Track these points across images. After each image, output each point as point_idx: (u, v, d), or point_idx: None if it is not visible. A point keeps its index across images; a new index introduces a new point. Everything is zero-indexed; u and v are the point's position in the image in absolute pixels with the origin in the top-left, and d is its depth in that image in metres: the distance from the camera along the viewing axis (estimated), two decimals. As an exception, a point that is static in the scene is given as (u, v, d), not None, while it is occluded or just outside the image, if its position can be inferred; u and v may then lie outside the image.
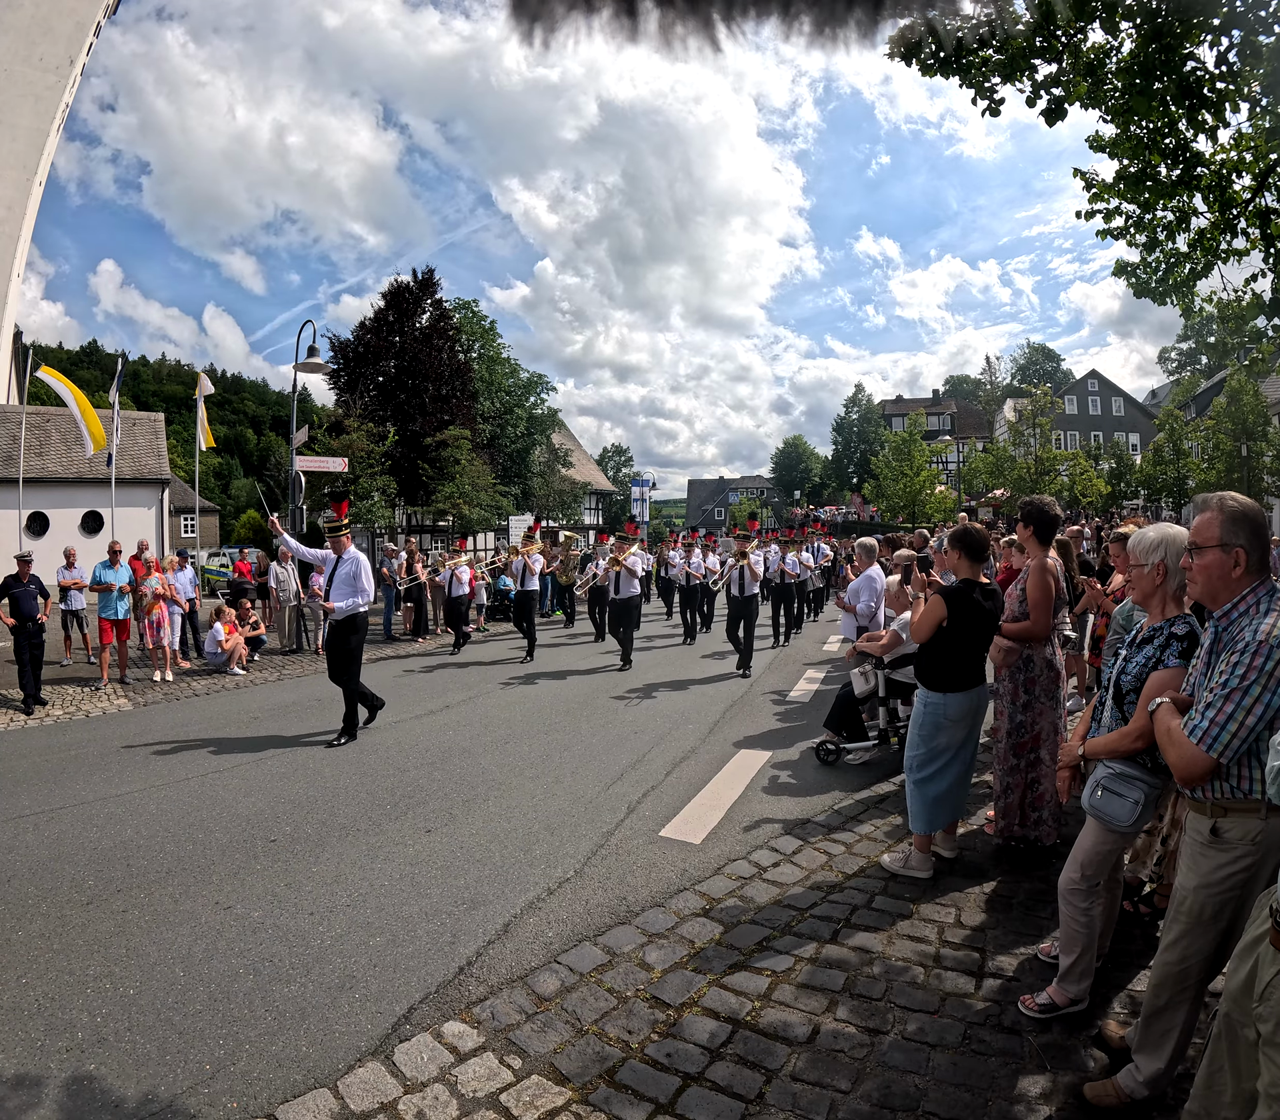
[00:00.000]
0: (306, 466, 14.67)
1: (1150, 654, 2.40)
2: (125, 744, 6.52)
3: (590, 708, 7.67)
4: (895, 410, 59.09)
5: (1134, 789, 2.40)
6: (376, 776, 5.50)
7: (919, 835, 3.74)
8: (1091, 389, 51.27)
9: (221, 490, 62.45)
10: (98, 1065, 2.48)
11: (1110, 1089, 2.20)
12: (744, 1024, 2.65)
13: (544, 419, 30.73)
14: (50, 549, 12.54)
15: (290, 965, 3.07)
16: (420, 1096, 2.35)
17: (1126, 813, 2.40)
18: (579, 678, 9.38)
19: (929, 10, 0.69)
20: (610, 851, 4.15)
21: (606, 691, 8.45)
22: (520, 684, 8.98)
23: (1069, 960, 2.60)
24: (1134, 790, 2.40)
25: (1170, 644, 2.35)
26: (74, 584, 9.81)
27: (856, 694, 5.60)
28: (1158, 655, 2.37)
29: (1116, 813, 2.42)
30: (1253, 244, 4.71)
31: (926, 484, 35.32)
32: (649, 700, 7.96)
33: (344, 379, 23.19)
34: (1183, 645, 2.33)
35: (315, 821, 4.65)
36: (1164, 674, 2.31)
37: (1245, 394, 27.57)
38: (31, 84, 29.32)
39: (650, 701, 7.90)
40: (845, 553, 15.72)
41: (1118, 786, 2.42)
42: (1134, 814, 2.40)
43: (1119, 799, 2.41)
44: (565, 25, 0.67)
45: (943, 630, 3.56)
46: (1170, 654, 2.33)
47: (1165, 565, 2.43)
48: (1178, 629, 2.36)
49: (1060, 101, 4.32)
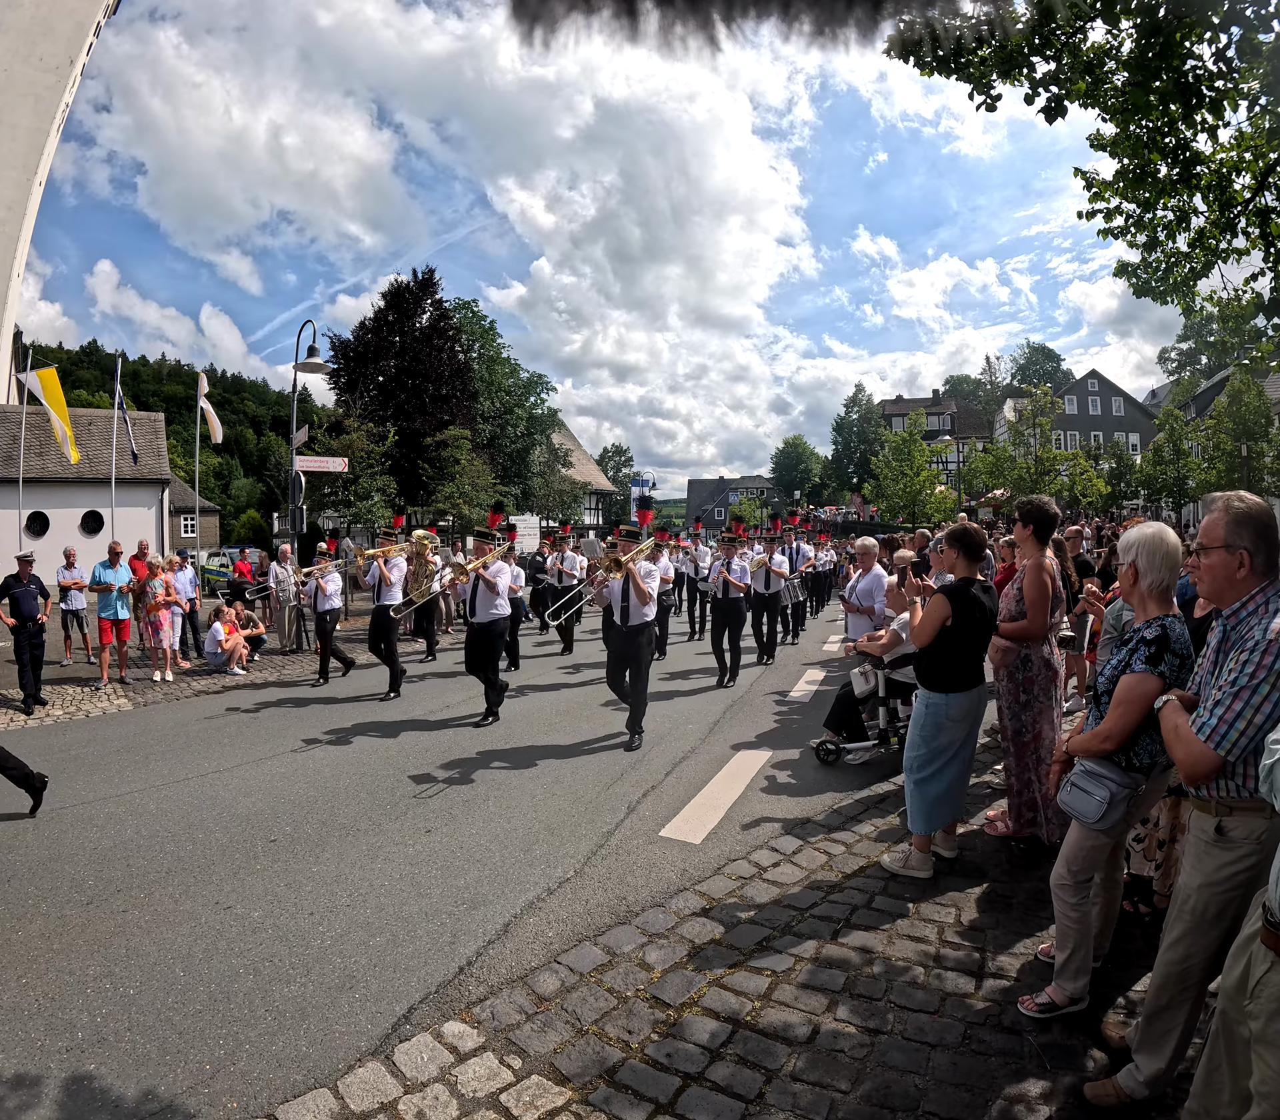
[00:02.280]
0: (306, 466, 14.66)
1: (1122, 657, 2.41)
2: (125, 744, 6.52)
3: (589, 708, 7.67)
4: (895, 410, 59.06)
5: (1101, 787, 2.43)
6: (376, 776, 5.50)
7: (919, 835, 3.74)
8: (1091, 389, 51.26)
9: (221, 490, 62.51)
10: (98, 1065, 2.48)
11: (1110, 1089, 2.20)
12: (744, 1024, 2.65)
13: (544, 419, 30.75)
14: (50, 549, 12.53)
15: (290, 965, 3.07)
16: (420, 1096, 2.35)
17: (1093, 809, 2.43)
18: (571, 688, 9.38)
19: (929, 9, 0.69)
20: (610, 851, 4.15)
21: (606, 692, 8.44)
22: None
23: (1063, 956, 2.61)
24: (1101, 788, 2.43)
25: (1139, 648, 2.35)
26: (74, 584, 9.81)
27: (856, 694, 5.60)
28: (1127, 659, 2.38)
29: (1083, 809, 2.46)
30: (1253, 243, 4.70)
31: (926, 484, 35.30)
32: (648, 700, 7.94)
33: (344, 379, 23.20)
34: (1150, 650, 2.31)
35: (315, 821, 4.64)
36: (1130, 678, 2.33)
37: (1248, 394, 27.56)
38: (31, 84, 29.29)
39: (650, 701, 7.89)
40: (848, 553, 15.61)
41: (1086, 784, 2.47)
42: (1100, 811, 2.42)
43: (1086, 796, 2.45)
44: (565, 25, 0.67)
45: (946, 630, 3.56)
46: (1137, 658, 2.33)
47: (1136, 565, 2.43)
48: (1148, 633, 2.36)
49: (1059, 99, 4.32)
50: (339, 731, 6.75)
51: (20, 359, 25.46)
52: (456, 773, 5.56)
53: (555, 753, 6.05)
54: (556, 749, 6.16)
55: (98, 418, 22.53)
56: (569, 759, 5.87)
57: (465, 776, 5.47)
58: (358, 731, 6.76)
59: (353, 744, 6.38)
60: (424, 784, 5.32)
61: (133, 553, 10.47)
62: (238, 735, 6.77)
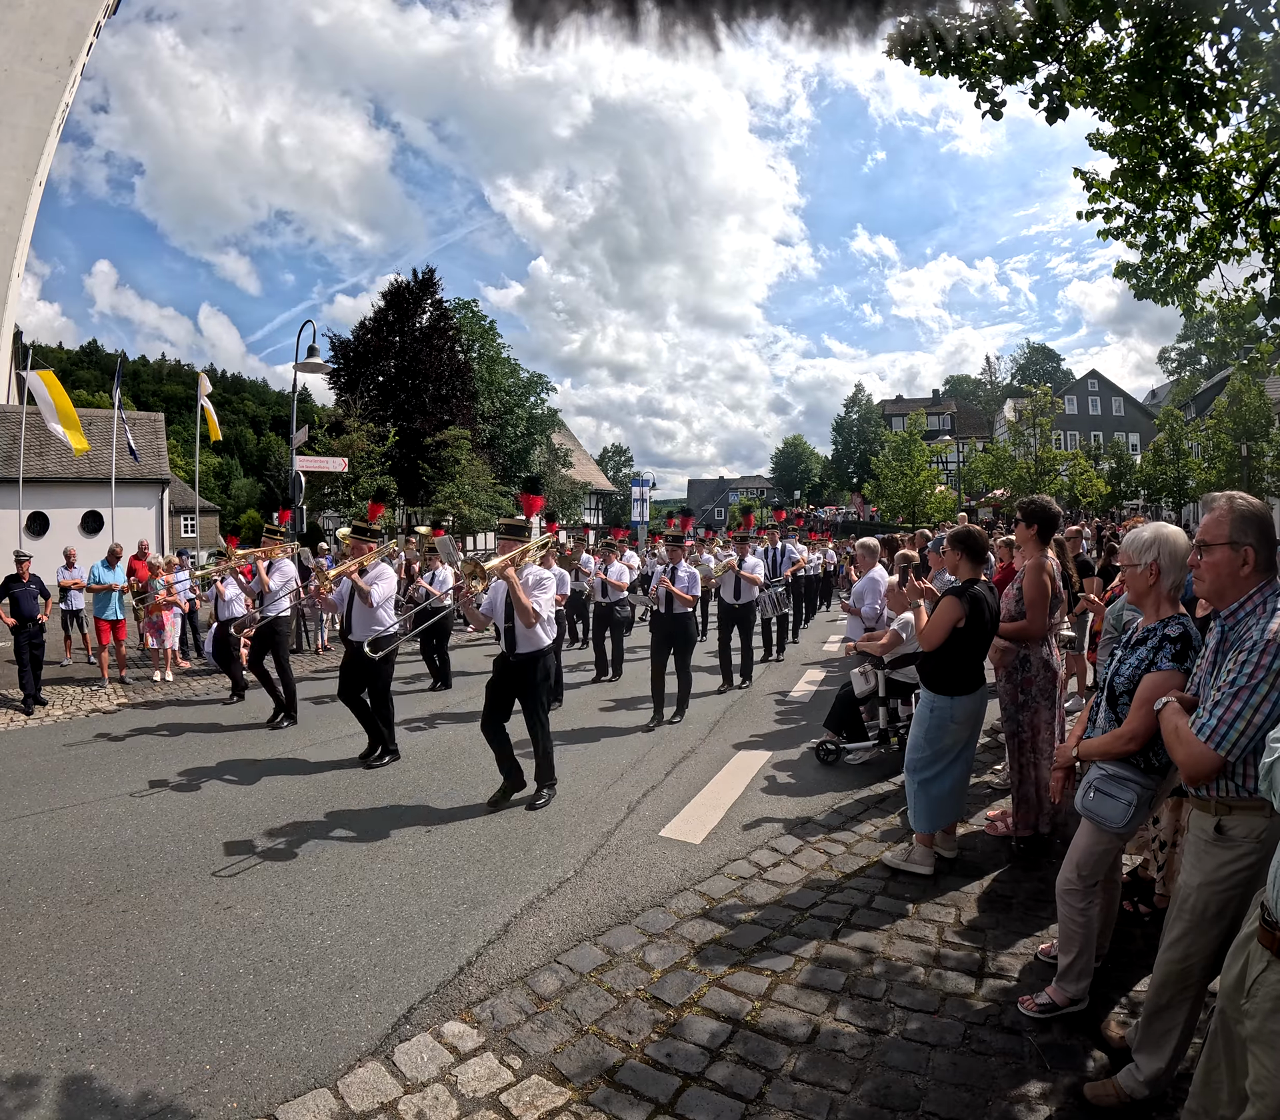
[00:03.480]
0: (306, 466, 14.67)
1: (1144, 655, 2.39)
2: (126, 744, 6.52)
3: (589, 708, 7.67)
4: (895, 410, 59.05)
5: (1127, 790, 2.40)
6: (376, 776, 5.50)
7: (921, 833, 3.74)
8: (1091, 389, 51.27)
9: (221, 490, 62.47)
10: (97, 1065, 2.48)
11: (1110, 1089, 2.20)
12: (744, 1024, 2.65)
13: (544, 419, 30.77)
14: (50, 549, 12.53)
15: (290, 965, 3.07)
16: (420, 1096, 2.35)
17: (1119, 814, 2.40)
18: (571, 686, 9.38)
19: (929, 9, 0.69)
20: (610, 851, 4.15)
21: (605, 693, 8.45)
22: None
23: (1067, 959, 2.60)
24: (1127, 791, 2.40)
25: (1164, 646, 2.34)
26: (74, 584, 9.81)
27: (856, 694, 5.60)
28: (1151, 657, 2.36)
29: (1110, 814, 2.42)
30: (1253, 244, 4.71)
31: (926, 484, 35.32)
32: (649, 699, 7.94)
33: (344, 379, 23.23)
34: (1175, 647, 2.31)
35: (315, 821, 4.64)
36: (1157, 676, 2.31)
37: (1248, 394, 27.57)
38: (31, 84, 29.30)
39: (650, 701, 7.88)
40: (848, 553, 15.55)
41: (1110, 788, 2.42)
42: (1127, 815, 2.40)
43: (1112, 800, 2.42)
44: (566, 25, 0.67)
45: (957, 632, 3.55)
46: (1163, 656, 2.33)
47: (1159, 565, 2.42)
48: (1170, 630, 2.35)
49: (1060, 101, 4.32)
50: (338, 732, 6.74)
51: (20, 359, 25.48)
52: (457, 773, 5.56)
53: (555, 752, 6.02)
54: (556, 748, 6.14)
55: (98, 418, 22.50)
56: (569, 759, 5.86)
57: (465, 776, 5.47)
58: (359, 732, 6.75)
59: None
60: (424, 784, 5.32)
61: (133, 553, 10.47)
62: (238, 735, 6.77)
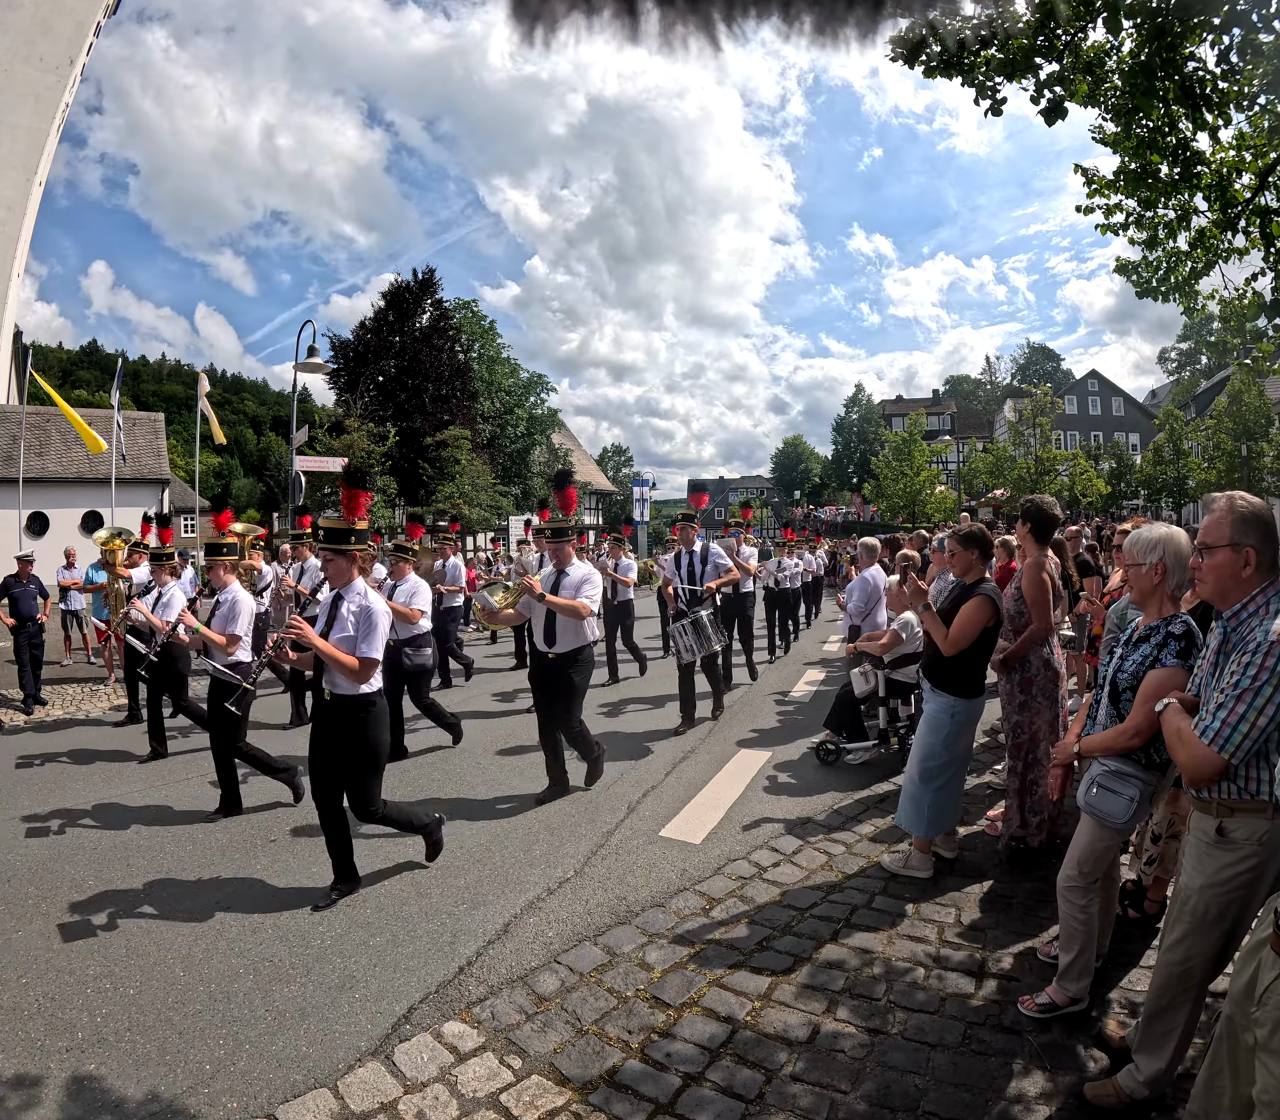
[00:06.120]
0: (306, 466, 14.68)
1: (1147, 652, 2.40)
2: (126, 744, 6.52)
3: (588, 708, 7.66)
4: (895, 410, 59.08)
5: (1129, 786, 2.41)
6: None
7: (920, 839, 3.74)
8: (1091, 389, 51.27)
9: (221, 490, 62.48)
10: (98, 1065, 2.48)
11: (1110, 1089, 2.20)
12: (744, 1024, 2.65)
13: (544, 419, 30.78)
14: (50, 549, 12.55)
15: (290, 965, 3.07)
16: (420, 1096, 2.35)
17: (1122, 809, 2.42)
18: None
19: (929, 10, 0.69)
20: (610, 851, 4.15)
21: (605, 692, 8.44)
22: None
23: (1068, 958, 2.60)
24: (1129, 787, 2.41)
25: (1168, 643, 2.35)
26: (74, 584, 9.84)
27: (856, 694, 5.60)
28: (1155, 654, 2.37)
29: (1112, 810, 2.43)
30: (1253, 243, 4.70)
31: (926, 484, 35.35)
32: (649, 700, 7.95)
33: (344, 379, 23.23)
34: (1180, 644, 2.33)
35: (315, 821, 4.63)
36: (1161, 673, 2.32)
37: (1248, 394, 27.57)
38: (31, 84, 29.33)
39: (651, 701, 7.89)
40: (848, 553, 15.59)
41: (1113, 784, 2.44)
42: (1129, 811, 2.41)
43: (1114, 796, 2.43)
44: (566, 25, 0.67)
45: (987, 631, 3.55)
46: (1168, 653, 2.34)
47: (1164, 564, 2.43)
48: (1175, 628, 2.37)
49: (1060, 101, 4.32)
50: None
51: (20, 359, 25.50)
52: (457, 773, 5.56)
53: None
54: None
55: (97, 418, 22.47)
56: (569, 759, 5.85)
57: (465, 776, 5.47)
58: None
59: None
60: (424, 784, 5.32)
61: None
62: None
